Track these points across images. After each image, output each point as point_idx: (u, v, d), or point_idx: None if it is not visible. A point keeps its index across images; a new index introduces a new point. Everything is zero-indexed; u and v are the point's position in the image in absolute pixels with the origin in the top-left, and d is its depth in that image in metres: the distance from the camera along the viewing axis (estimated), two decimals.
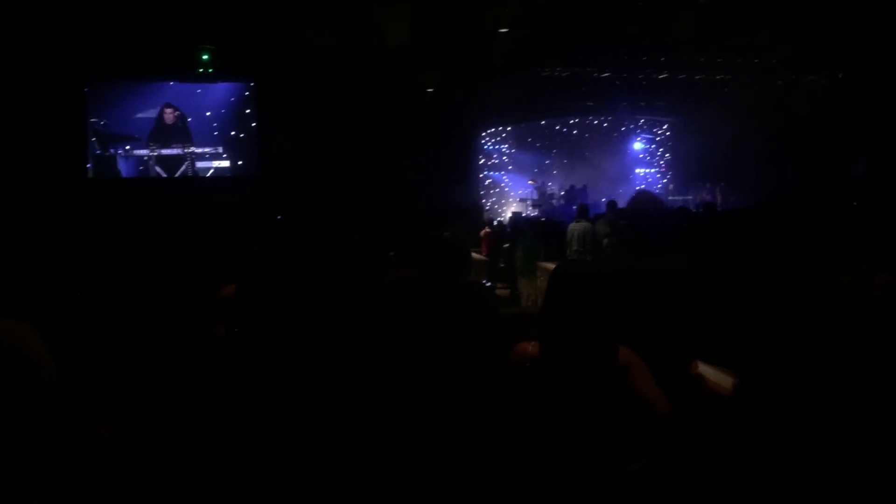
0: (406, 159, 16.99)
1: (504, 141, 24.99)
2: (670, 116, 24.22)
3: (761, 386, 1.48)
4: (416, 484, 1.92)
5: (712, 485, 1.52)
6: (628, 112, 23.55)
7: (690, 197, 22.29)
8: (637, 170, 25.71)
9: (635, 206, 3.42)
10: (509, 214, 22.00)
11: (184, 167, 17.42)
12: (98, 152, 16.87)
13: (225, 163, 17.76)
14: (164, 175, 17.24)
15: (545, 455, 2.47)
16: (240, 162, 17.84)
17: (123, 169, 17.10)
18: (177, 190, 16.76)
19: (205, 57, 15.69)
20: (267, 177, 17.01)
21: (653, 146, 25.80)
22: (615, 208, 13.65)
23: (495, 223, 18.43)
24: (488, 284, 11.87)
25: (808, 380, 1.45)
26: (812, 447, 1.41)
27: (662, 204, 3.54)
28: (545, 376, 2.49)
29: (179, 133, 17.40)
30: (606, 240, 11.87)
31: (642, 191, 4.02)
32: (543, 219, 17.43)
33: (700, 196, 22.03)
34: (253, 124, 17.80)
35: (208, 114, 17.61)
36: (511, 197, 24.79)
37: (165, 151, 17.27)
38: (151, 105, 17.23)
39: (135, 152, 17.13)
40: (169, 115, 17.31)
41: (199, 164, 17.59)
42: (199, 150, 17.57)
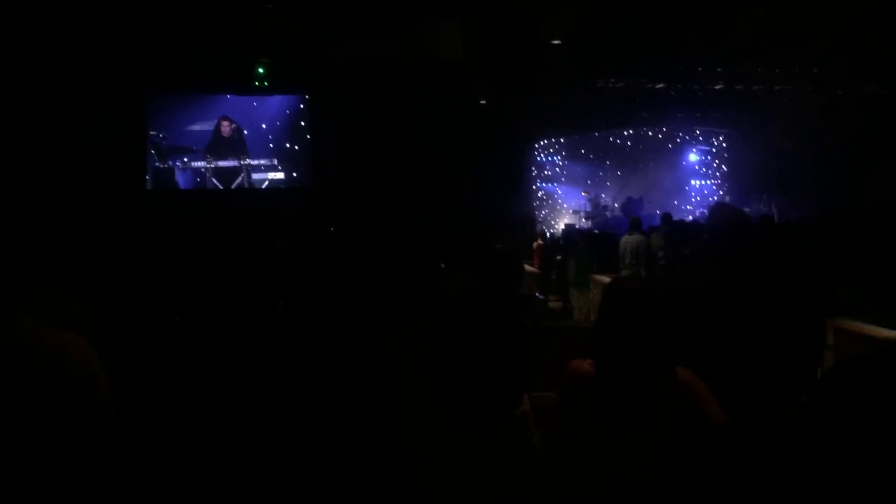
0: (459, 171, 17.02)
1: (557, 152, 24.89)
2: (727, 127, 23.88)
3: (833, 404, 1.43)
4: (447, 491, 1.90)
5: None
6: (684, 123, 23.30)
7: (748, 209, 21.90)
8: (692, 181, 25.40)
9: (718, 220, 3.32)
10: (562, 226, 21.88)
11: (239, 179, 17.68)
12: (157, 164, 17.22)
13: (280, 174, 18.00)
14: (221, 187, 17.51)
15: (601, 465, 2.43)
16: (294, 173, 18.07)
17: (181, 181, 17.41)
18: (233, 201, 17.01)
19: (260, 70, 15.93)
20: (321, 188, 17.18)
21: (709, 157, 25.45)
22: (670, 220, 13.46)
23: (548, 235, 18.35)
24: (540, 297, 11.79)
25: (878, 396, 1.39)
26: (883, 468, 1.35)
27: (745, 216, 3.43)
28: (602, 394, 2.45)
29: (236, 145, 17.69)
30: (661, 252, 11.70)
31: (723, 203, 3.93)
32: (597, 231, 17.31)
33: (758, 208, 21.67)
34: (307, 136, 18.02)
35: (264, 126, 17.88)
36: (564, 208, 24.65)
37: (222, 163, 17.57)
38: (209, 118, 17.58)
39: (192, 164, 17.45)
40: (226, 128, 17.61)
41: (255, 176, 17.86)
42: (255, 162, 17.85)
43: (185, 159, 17.44)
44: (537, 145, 23.46)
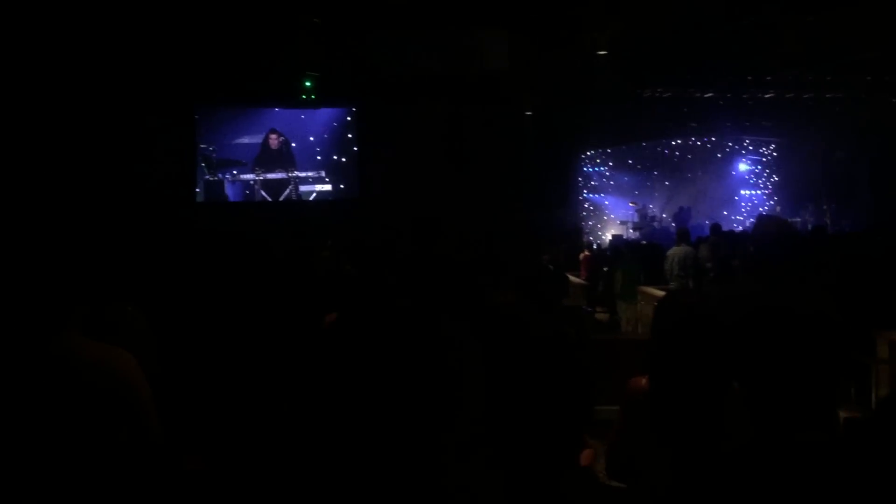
0: (505, 182, 17.02)
1: (604, 163, 24.75)
2: (777, 137, 23.52)
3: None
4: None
5: None
6: (733, 132, 23.01)
7: (799, 219, 21.55)
8: (742, 191, 25.07)
9: (763, 232, 3.24)
10: (609, 237, 21.74)
11: (287, 191, 17.87)
12: (206, 177, 17.47)
13: (327, 186, 18.15)
14: (269, 199, 17.70)
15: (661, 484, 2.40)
16: (341, 185, 18.21)
17: (230, 193, 17.66)
18: (281, 213, 17.20)
19: (308, 84, 16.07)
20: (368, 200, 17.28)
21: (759, 167, 25.09)
22: (719, 231, 13.29)
23: (595, 246, 18.24)
24: (587, 309, 11.72)
25: None
26: None
27: (792, 228, 3.35)
28: (657, 411, 2.42)
29: (284, 158, 17.89)
30: (710, 264, 11.55)
31: (769, 215, 3.86)
32: (644, 242, 17.16)
33: (810, 218, 21.32)
34: (354, 148, 18.16)
35: (311, 139, 18.07)
36: (611, 219, 24.49)
37: (270, 176, 17.78)
38: (257, 131, 17.81)
39: (241, 177, 17.68)
40: (274, 141, 17.82)
41: (303, 188, 18.04)
42: (303, 175, 18.03)
43: (235, 172, 17.67)
44: (584, 156, 23.34)
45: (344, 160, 18.26)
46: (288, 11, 12.05)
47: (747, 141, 24.58)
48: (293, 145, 17.99)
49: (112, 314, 2.78)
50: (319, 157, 18.15)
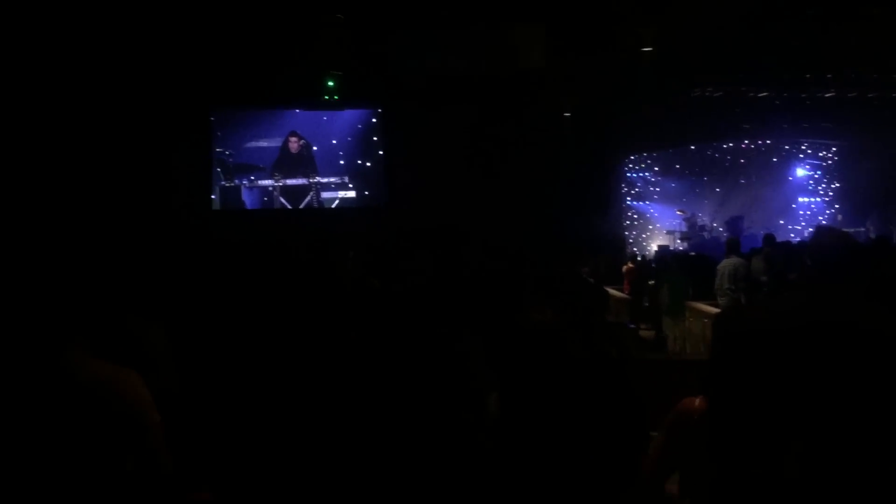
0: (541, 189, 17.00)
1: (649, 168, 24.68)
2: (838, 139, 23.32)
3: None
4: None
5: None
6: (790, 135, 22.86)
7: (863, 229, 21.34)
8: (800, 198, 24.86)
9: (819, 245, 3.24)
10: (655, 248, 21.65)
11: (308, 198, 17.91)
12: (223, 183, 17.55)
13: (351, 193, 18.18)
14: (289, 206, 17.77)
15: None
16: (366, 192, 18.23)
17: (248, 200, 17.75)
18: (301, 222, 17.18)
19: (331, 83, 16.09)
20: (394, 207, 17.31)
21: (818, 173, 24.88)
22: (774, 242, 13.17)
23: (639, 258, 18.18)
24: (631, 326, 11.70)
25: None
26: None
27: (851, 240, 3.35)
28: (717, 435, 2.42)
29: (304, 162, 17.94)
30: (764, 278, 11.45)
31: (826, 226, 3.86)
32: (693, 253, 17.05)
33: (873, 227, 21.09)
34: (380, 152, 18.21)
35: (334, 142, 18.11)
36: (657, 229, 24.39)
37: (290, 181, 17.81)
38: (276, 134, 17.86)
39: (259, 183, 17.73)
40: (294, 144, 17.86)
41: (324, 195, 18.05)
42: (325, 180, 18.05)
43: (252, 177, 17.72)
44: (627, 160, 23.29)
45: (369, 165, 18.28)
46: (309, 7, 12.15)
47: (805, 144, 24.39)
48: (314, 149, 18.02)
49: (134, 329, 2.83)
50: (342, 162, 18.17)
